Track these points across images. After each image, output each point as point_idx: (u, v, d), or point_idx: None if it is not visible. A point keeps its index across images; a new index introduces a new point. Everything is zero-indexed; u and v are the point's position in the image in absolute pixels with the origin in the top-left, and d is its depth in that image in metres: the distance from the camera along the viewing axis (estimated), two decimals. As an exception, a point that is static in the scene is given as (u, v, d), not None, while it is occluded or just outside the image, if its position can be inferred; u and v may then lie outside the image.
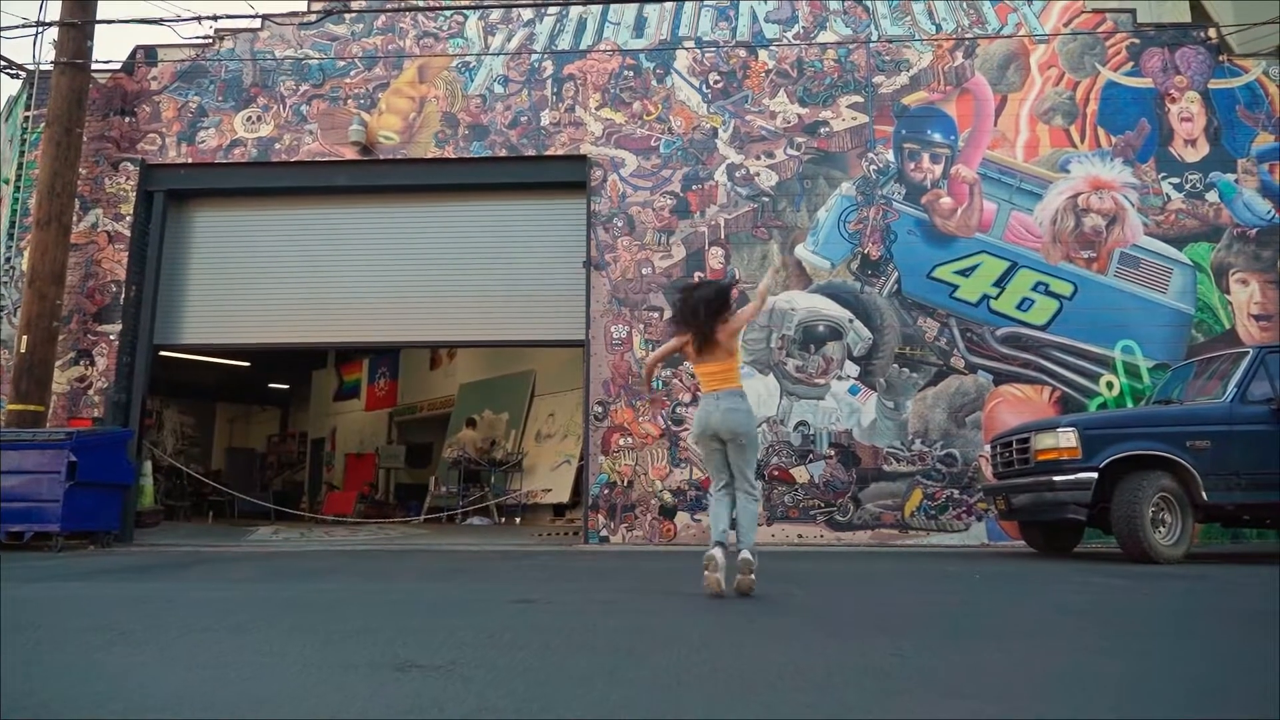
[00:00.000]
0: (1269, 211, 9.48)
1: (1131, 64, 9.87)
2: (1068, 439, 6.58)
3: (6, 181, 10.37)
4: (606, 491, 9.14)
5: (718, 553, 4.18)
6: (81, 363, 9.56)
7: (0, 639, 2.95)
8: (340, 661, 2.63)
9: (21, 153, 10.11)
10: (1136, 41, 9.90)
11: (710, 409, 4.44)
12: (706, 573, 4.14)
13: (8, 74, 10.30)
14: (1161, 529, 6.39)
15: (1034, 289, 9.39)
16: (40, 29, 9.71)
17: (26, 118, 10.17)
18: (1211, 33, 10.03)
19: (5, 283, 9.79)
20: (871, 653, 2.80)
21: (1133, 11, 10.14)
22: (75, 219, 9.56)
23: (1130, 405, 8.91)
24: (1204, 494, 6.37)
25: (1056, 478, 6.58)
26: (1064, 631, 3.39)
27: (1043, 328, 9.31)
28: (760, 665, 2.62)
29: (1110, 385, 9.18)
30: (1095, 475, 6.42)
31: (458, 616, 3.62)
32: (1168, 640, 3.20)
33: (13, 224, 9.96)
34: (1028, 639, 3.22)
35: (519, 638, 3.05)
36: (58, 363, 9.27)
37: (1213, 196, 9.53)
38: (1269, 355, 6.78)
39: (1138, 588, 4.78)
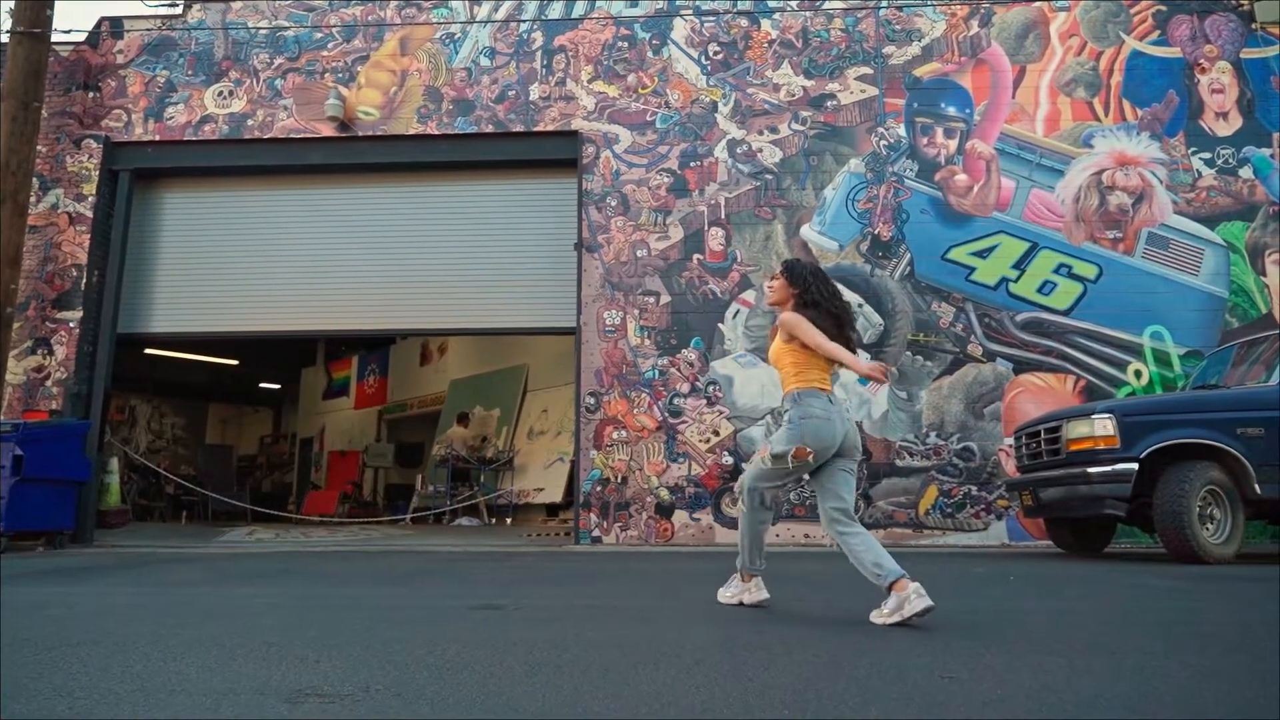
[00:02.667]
0: (1307, 188, 8.86)
1: (1158, 32, 9.25)
2: (1104, 427, 5.94)
3: (-36, 161, 9.76)
4: (599, 489, 8.52)
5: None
6: (39, 351, 8.96)
7: None
8: (224, 686, 2.02)
9: (-22, 129, 9.50)
10: (1163, 9, 9.28)
11: (839, 416, 3.48)
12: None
13: (-36, 47, 9.69)
14: (1210, 525, 5.77)
15: (1056, 271, 8.76)
16: (-4, -3, 9.12)
17: (-17, 93, 9.56)
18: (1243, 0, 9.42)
19: (-41, 267, 9.18)
20: (911, 672, 2.19)
21: (1159, -23, 9.53)
22: (34, 199, 8.97)
23: (1161, 394, 8.29)
24: (1256, 487, 5.74)
25: (1092, 469, 5.94)
26: (1136, 644, 2.77)
27: (1065, 313, 8.68)
28: (770, 692, 2.01)
29: (1139, 374, 8.55)
30: (1135, 467, 5.79)
31: (401, 627, 3.00)
32: (1241, 653, 2.58)
33: (-32, 205, 9.34)
34: (1094, 654, 2.60)
35: (466, 654, 2.43)
36: (13, 352, 8.68)
37: (1246, 172, 8.90)
38: (1324, 335, 6.16)
39: (1191, 591, 4.15)
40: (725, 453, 8.46)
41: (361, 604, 3.86)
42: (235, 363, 18.54)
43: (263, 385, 21.26)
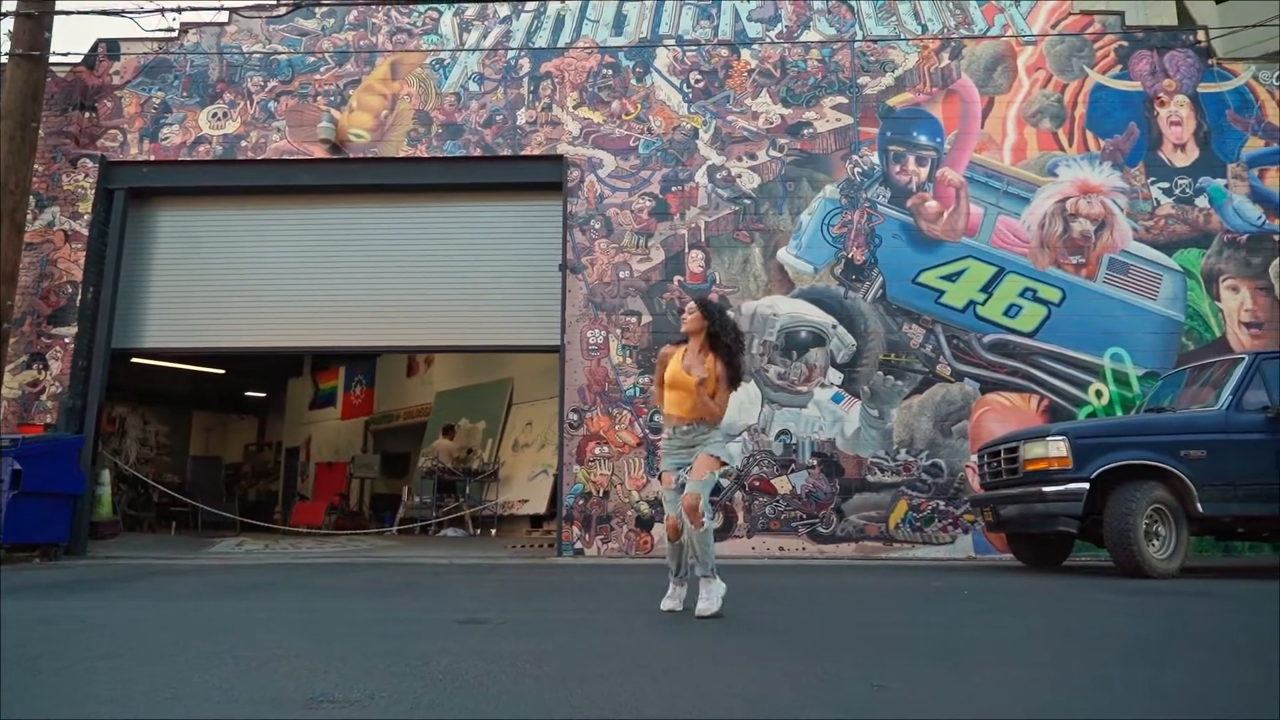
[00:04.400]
0: (1259, 217, 9.28)
1: (1120, 67, 9.67)
2: (1058, 448, 6.30)
3: (-40, 178, 9.95)
4: (581, 502, 8.81)
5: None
6: (34, 366, 9.16)
7: None
8: (247, 695, 2.31)
9: (-25, 148, 9.70)
10: (1125, 44, 9.71)
11: None
12: None
13: (-37, 67, 9.89)
14: (1155, 542, 6.13)
15: (1021, 295, 9.15)
16: (-4, 19, 9.35)
17: (-19, 112, 9.77)
18: (1201, 36, 9.86)
19: (-44, 283, 9.37)
20: (848, 683, 2.49)
21: (1121, 14, 9.96)
22: (30, 217, 9.17)
23: (1120, 414, 8.67)
24: (1199, 505, 6.11)
25: (1046, 488, 6.30)
26: (1055, 657, 3.09)
27: (1030, 334, 9.06)
28: (725, 698, 2.31)
29: (1099, 394, 8.93)
30: (1086, 486, 6.15)
31: (395, 640, 3.29)
32: (1155, 666, 2.91)
33: (-35, 222, 9.54)
34: (1018, 666, 2.92)
35: (456, 665, 2.72)
36: (9, 366, 8.87)
37: (1203, 202, 9.33)
38: (1265, 362, 6.54)
39: (1138, 607, 4.49)
40: (703, 468, 8.75)
41: (354, 618, 4.13)
42: (221, 372, 18.67)
43: (248, 394, 21.37)
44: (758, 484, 8.77)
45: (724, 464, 4.02)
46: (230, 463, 20.64)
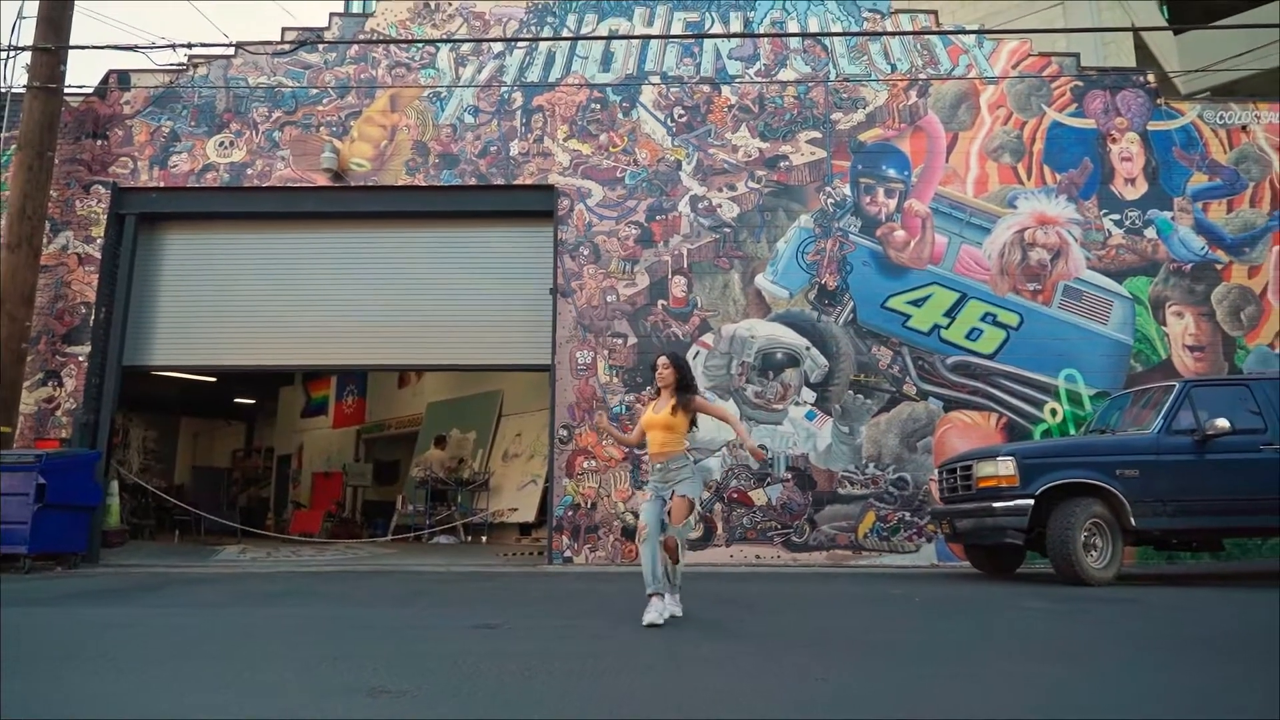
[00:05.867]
0: (1203, 248, 9.99)
1: (1075, 105, 10.36)
2: (1006, 468, 6.95)
3: (-25, 201, 10.40)
4: (570, 513, 9.38)
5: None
6: (50, 384, 9.63)
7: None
8: (319, 687, 2.87)
9: (-9, 173, 10.17)
10: (1080, 84, 10.40)
11: None
12: None
13: (-22, 96, 10.35)
14: (1093, 552, 6.78)
15: (982, 319, 9.81)
16: (14, 53, 9.81)
17: (-3, 139, 10.24)
18: (1150, 77, 10.57)
19: (-27, 303, 9.82)
20: (800, 676, 3.09)
21: (1076, 55, 10.66)
22: (46, 241, 9.66)
23: (1073, 431, 9.35)
24: (1132, 520, 6.77)
25: (995, 504, 6.95)
26: (979, 656, 3.71)
27: (990, 356, 9.72)
28: (703, 690, 2.90)
29: (1054, 412, 9.60)
30: (1031, 502, 6.80)
31: (422, 643, 3.86)
32: (1064, 664, 3.52)
33: (-18, 244, 10.00)
34: (942, 663, 3.52)
35: (480, 664, 3.30)
36: (25, 384, 9.34)
37: (1151, 233, 10.02)
38: (1194, 389, 7.22)
39: (1063, 612, 5.12)
40: (685, 481, 9.37)
41: (380, 624, 4.69)
42: (213, 380, 19.07)
43: (237, 400, 21.74)
44: (736, 496, 9.38)
45: (694, 504, 4.71)
46: (219, 467, 21.05)
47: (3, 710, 2.22)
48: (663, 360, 4.98)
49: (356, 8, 19.68)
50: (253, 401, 21.87)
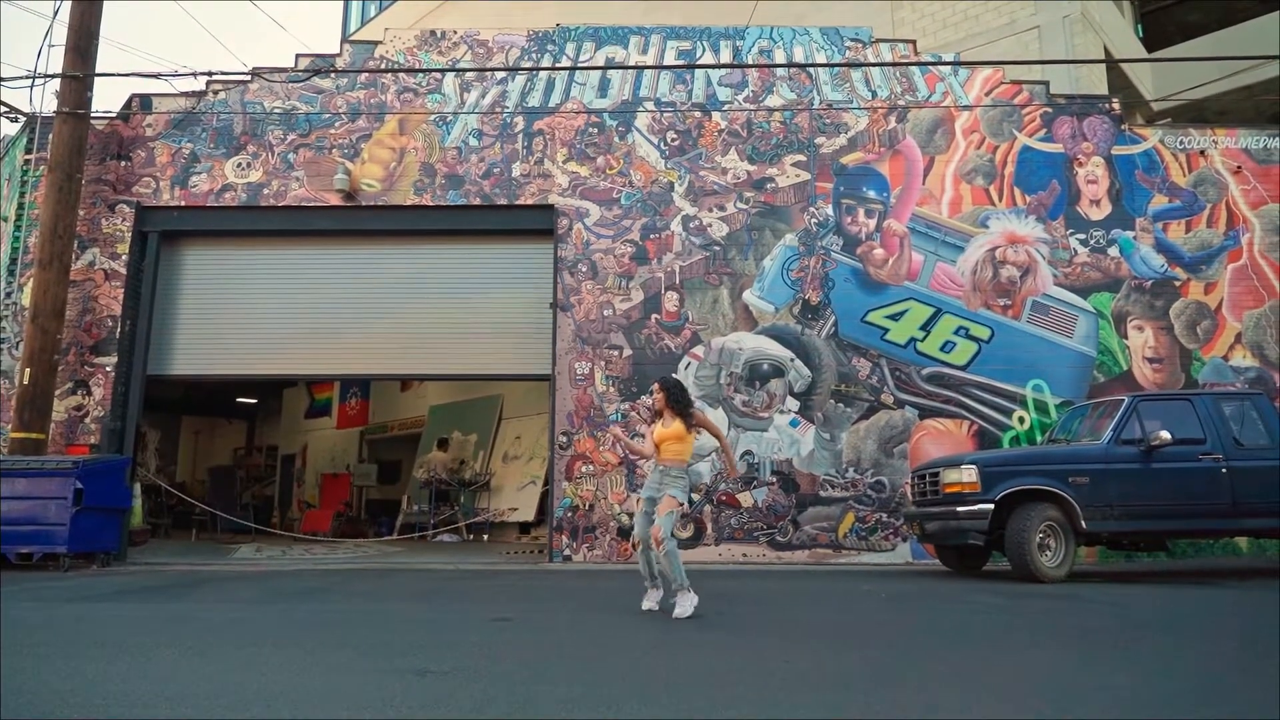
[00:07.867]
0: (1162, 265, 10.67)
1: (1044, 130, 11.03)
2: (969, 474, 7.62)
3: (5, 219, 10.99)
4: (569, 514, 10.03)
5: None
6: (79, 392, 10.23)
7: (33, 651, 3.77)
8: (374, 668, 3.50)
9: (22, 193, 10.75)
10: (1049, 110, 11.07)
11: None
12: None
13: (8, 119, 10.93)
14: (1047, 553, 7.45)
15: (956, 333, 10.48)
16: (44, 80, 10.38)
17: (26, 160, 10.82)
18: (1115, 104, 11.24)
19: (5, 316, 10.42)
20: (769, 660, 3.74)
21: (1046, 83, 11.33)
22: (74, 258, 10.24)
23: (1039, 438, 10.03)
24: (1083, 523, 7.45)
25: (959, 508, 7.62)
26: (919, 643, 4.36)
27: (963, 368, 10.39)
28: (687, 669, 3.55)
29: (1022, 420, 10.28)
30: (991, 506, 7.48)
31: (450, 633, 4.50)
32: (987, 651, 4.18)
33: (13, 260, 10.59)
34: (889, 649, 4.18)
35: (503, 650, 3.94)
36: (56, 392, 9.93)
37: (1114, 251, 10.70)
38: (1141, 403, 7.90)
39: (1007, 606, 5.79)
40: (677, 485, 10.03)
41: (406, 617, 5.33)
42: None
43: (239, 400, 22.28)
44: (724, 498, 10.04)
45: (681, 504, 5.34)
46: (221, 465, 21.61)
47: (2, 711, 2.61)
48: (655, 387, 5.76)
49: (354, 28, 20.23)
50: (254, 401, 22.42)
